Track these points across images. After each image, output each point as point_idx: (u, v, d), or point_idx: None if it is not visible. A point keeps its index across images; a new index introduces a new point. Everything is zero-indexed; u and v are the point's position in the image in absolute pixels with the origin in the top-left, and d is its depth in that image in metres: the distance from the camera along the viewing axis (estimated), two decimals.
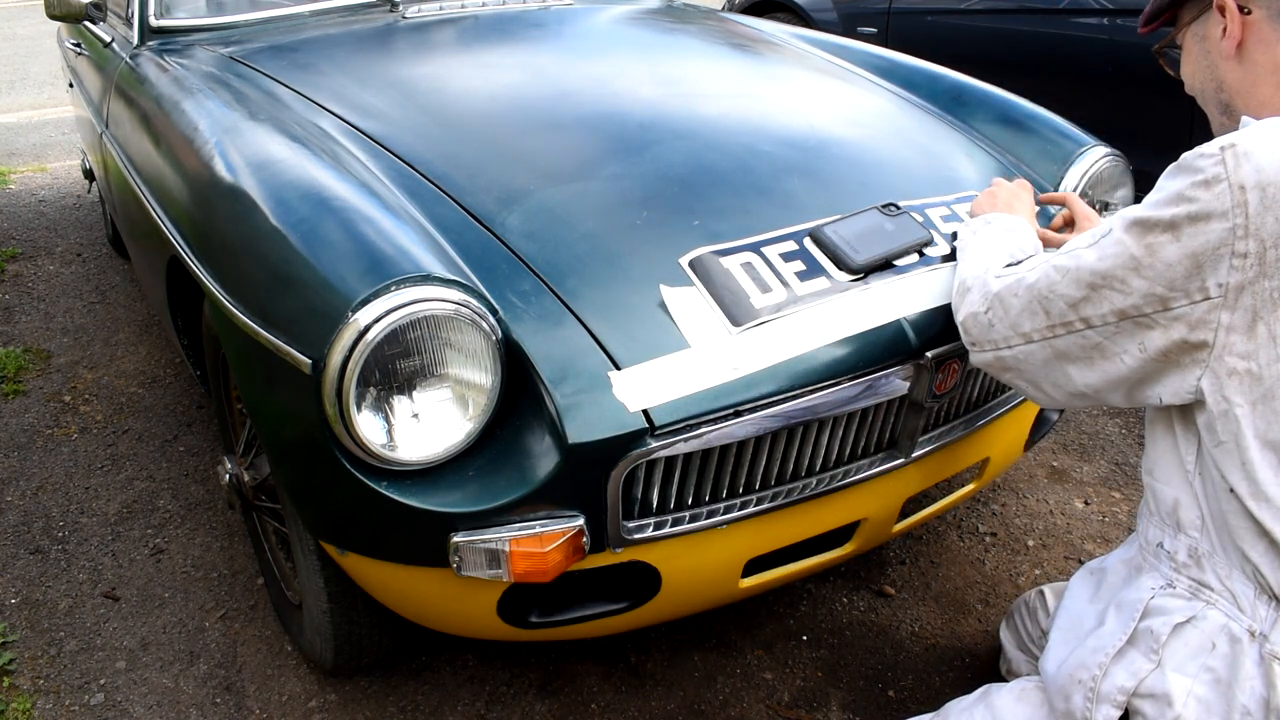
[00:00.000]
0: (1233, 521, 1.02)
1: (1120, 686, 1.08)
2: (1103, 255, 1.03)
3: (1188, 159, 0.98)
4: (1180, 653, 1.05)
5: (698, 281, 1.33)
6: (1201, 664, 1.04)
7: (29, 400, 2.70)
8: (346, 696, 1.69)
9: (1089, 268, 1.05)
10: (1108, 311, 1.04)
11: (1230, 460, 1.00)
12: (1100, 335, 1.06)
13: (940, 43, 3.67)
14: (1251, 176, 0.92)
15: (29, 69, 8.13)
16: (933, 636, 1.80)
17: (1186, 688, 1.03)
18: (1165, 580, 1.11)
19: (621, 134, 1.66)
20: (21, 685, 1.73)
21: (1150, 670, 1.06)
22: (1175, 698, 1.03)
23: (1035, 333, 1.13)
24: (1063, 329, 1.10)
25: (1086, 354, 1.09)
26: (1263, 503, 0.99)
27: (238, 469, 1.72)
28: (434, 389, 1.23)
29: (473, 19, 2.31)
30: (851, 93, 2.00)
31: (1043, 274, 1.11)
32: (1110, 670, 1.10)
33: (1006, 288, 1.17)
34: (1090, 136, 1.87)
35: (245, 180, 1.48)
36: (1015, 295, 1.15)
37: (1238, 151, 0.93)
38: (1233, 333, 0.96)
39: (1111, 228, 1.04)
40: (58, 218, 4.27)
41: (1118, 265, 1.02)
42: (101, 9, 2.67)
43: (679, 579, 1.36)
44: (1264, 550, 1.01)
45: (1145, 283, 1.00)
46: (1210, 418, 1.00)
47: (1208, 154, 0.96)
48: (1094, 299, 1.05)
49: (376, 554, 1.30)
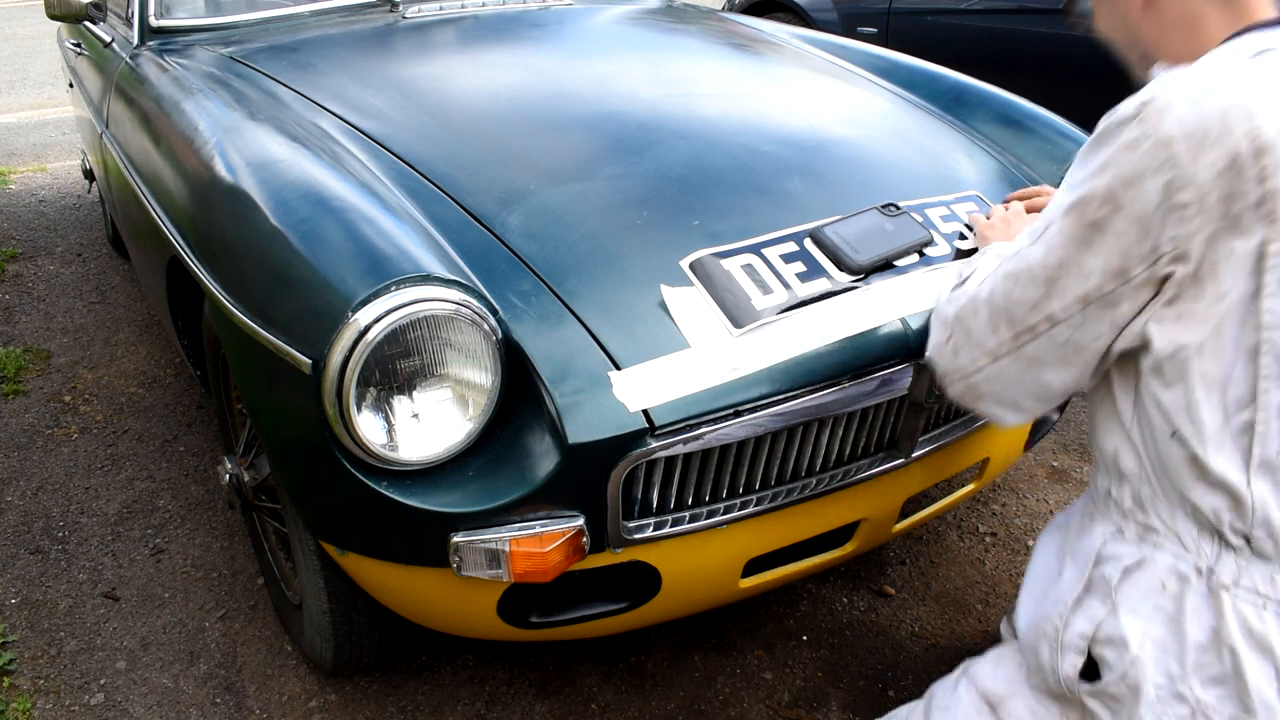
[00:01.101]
0: (1173, 465, 1.03)
1: (1080, 633, 1.09)
2: (1050, 247, 1.02)
3: (1107, 126, 0.98)
4: (1132, 596, 1.07)
5: (698, 282, 1.33)
6: (1153, 605, 1.05)
7: (29, 400, 2.70)
8: (346, 696, 1.69)
9: (1040, 264, 1.03)
10: (1071, 301, 1.02)
11: (1176, 402, 1.01)
12: (1069, 329, 1.04)
13: (940, 43, 3.68)
14: (1176, 128, 0.92)
15: (29, 69, 8.13)
16: (933, 636, 1.80)
17: (1141, 629, 1.05)
18: (1115, 527, 1.12)
19: (621, 134, 1.66)
20: (21, 685, 1.73)
21: (1106, 614, 1.08)
22: (1131, 640, 1.05)
23: (1002, 346, 1.10)
24: (1029, 334, 1.07)
25: (1060, 353, 1.07)
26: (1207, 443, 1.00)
27: (238, 469, 1.72)
28: (434, 389, 1.23)
29: (473, 19, 2.32)
30: (851, 93, 2.00)
31: (995, 285, 1.09)
32: (1070, 619, 1.11)
33: (961, 309, 1.14)
34: (1090, 136, 1.86)
35: (245, 180, 1.48)
36: (974, 315, 1.12)
37: (1158, 105, 0.93)
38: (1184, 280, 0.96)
39: (1050, 220, 1.03)
40: (58, 218, 4.28)
41: (1069, 252, 1.00)
42: (101, 9, 2.67)
43: (679, 579, 1.36)
44: (1205, 489, 1.02)
45: (1100, 260, 0.99)
46: (1157, 360, 1.01)
47: (1126, 116, 0.96)
48: (1054, 292, 1.03)
49: (377, 554, 1.30)
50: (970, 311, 1.12)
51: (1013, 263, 1.07)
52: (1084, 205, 0.98)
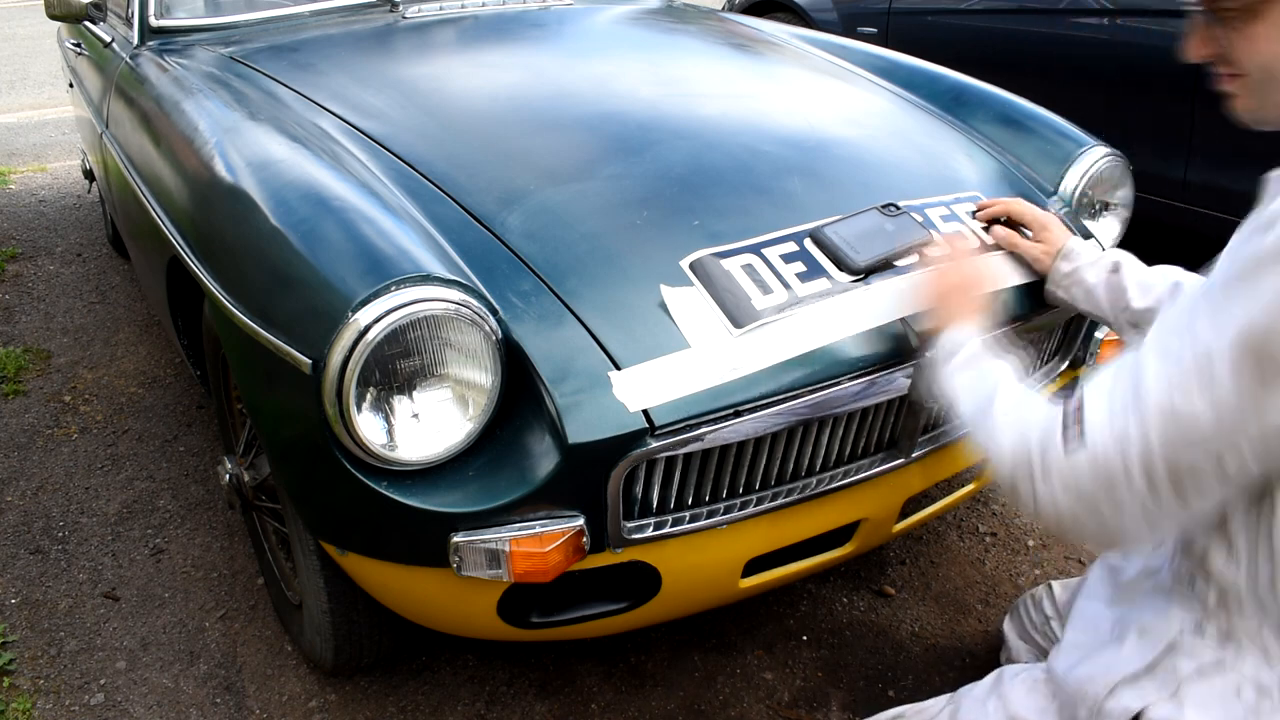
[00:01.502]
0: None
1: (1127, 708, 1.06)
2: (1223, 406, 0.85)
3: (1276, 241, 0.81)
4: (1203, 694, 1.03)
5: (698, 282, 1.33)
6: (1224, 709, 1.02)
7: (29, 400, 2.70)
8: (346, 696, 1.69)
9: (1212, 424, 0.85)
10: (1249, 455, 0.87)
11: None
12: (1241, 478, 0.89)
13: (940, 43, 3.67)
14: None
15: (29, 69, 8.13)
16: (933, 636, 1.80)
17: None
18: (1195, 620, 1.07)
19: (621, 134, 1.66)
20: (21, 685, 1.73)
21: (1161, 699, 1.05)
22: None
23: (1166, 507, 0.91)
24: (1196, 496, 0.90)
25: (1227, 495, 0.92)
26: None
27: (238, 469, 1.72)
28: (434, 389, 1.23)
29: (473, 19, 2.31)
30: (851, 93, 2.00)
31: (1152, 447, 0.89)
32: (1119, 691, 1.08)
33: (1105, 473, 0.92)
34: (1090, 136, 1.87)
35: (245, 180, 1.48)
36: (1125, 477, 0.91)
37: None
38: None
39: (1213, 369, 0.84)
40: (58, 218, 4.27)
41: (1246, 409, 0.84)
42: (101, 9, 2.67)
43: (679, 579, 1.36)
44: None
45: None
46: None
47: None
48: (1230, 450, 0.86)
49: (377, 554, 1.30)
50: (1117, 475, 0.91)
51: (1170, 423, 0.87)
52: (1264, 351, 0.82)
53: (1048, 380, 1.65)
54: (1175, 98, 2.85)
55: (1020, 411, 1.05)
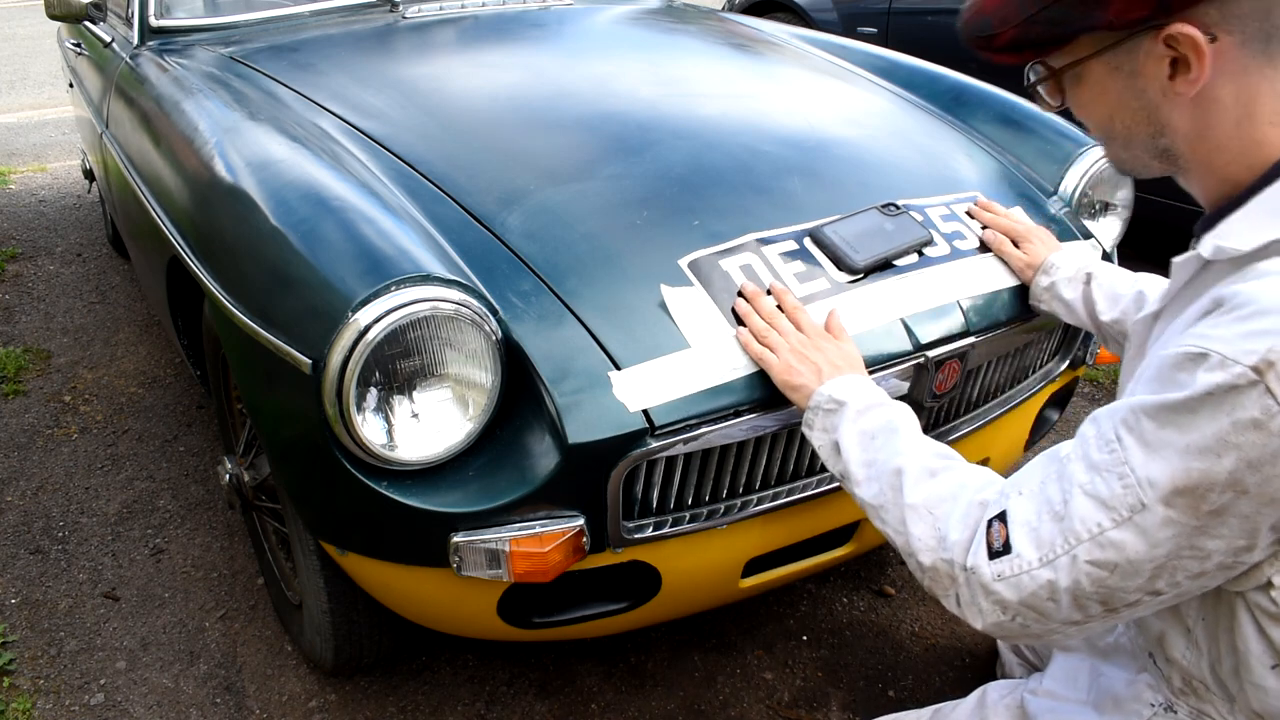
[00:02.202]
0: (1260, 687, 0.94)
1: None
2: (1154, 541, 0.83)
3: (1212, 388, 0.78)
4: None
5: (697, 282, 1.33)
6: None
7: (29, 400, 2.70)
8: (346, 696, 1.69)
9: (1144, 558, 0.84)
10: (1183, 579, 0.85)
11: None
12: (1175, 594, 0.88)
13: (940, 43, 3.68)
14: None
15: (29, 69, 8.13)
16: (933, 636, 1.80)
17: None
18: (1165, 701, 1.07)
19: (621, 134, 1.66)
20: (21, 685, 1.73)
21: None
22: None
23: (1091, 620, 0.91)
24: (1128, 610, 0.89)
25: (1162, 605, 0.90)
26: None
27: (238, 469, 1.72)
28: (434, 389, 1.23)
29: (473, 19, 2.31)
30: (851, 93, 2.00)
31: (1077, 576, 0.87)
32: None
33: (1030, 595, 0.90)
34: (1090, 136, 1.87)
35: (245, 180, 1.48)
36: (1050, 600, 0.90)
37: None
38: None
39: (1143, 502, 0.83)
40: (58, 218, 4.28)
41: (1180, 543, 0.83)
42: (101, 9, 2.67)
43: (679, 579, 1.36)
44: None
45: (1222, 543, 0.82)
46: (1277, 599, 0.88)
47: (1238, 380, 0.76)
48: (1163, 576, 0.85)
49: (377, 554, 1.30)
50: (1043, 597, 0.90)
51: (1098, 550, 0.86)
52: (1198, 494, 0.80)
53: (1047, 381, 1.65)
54: None
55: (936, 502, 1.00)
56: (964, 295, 1.43)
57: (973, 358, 1.44)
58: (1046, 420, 1.81)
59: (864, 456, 1.10)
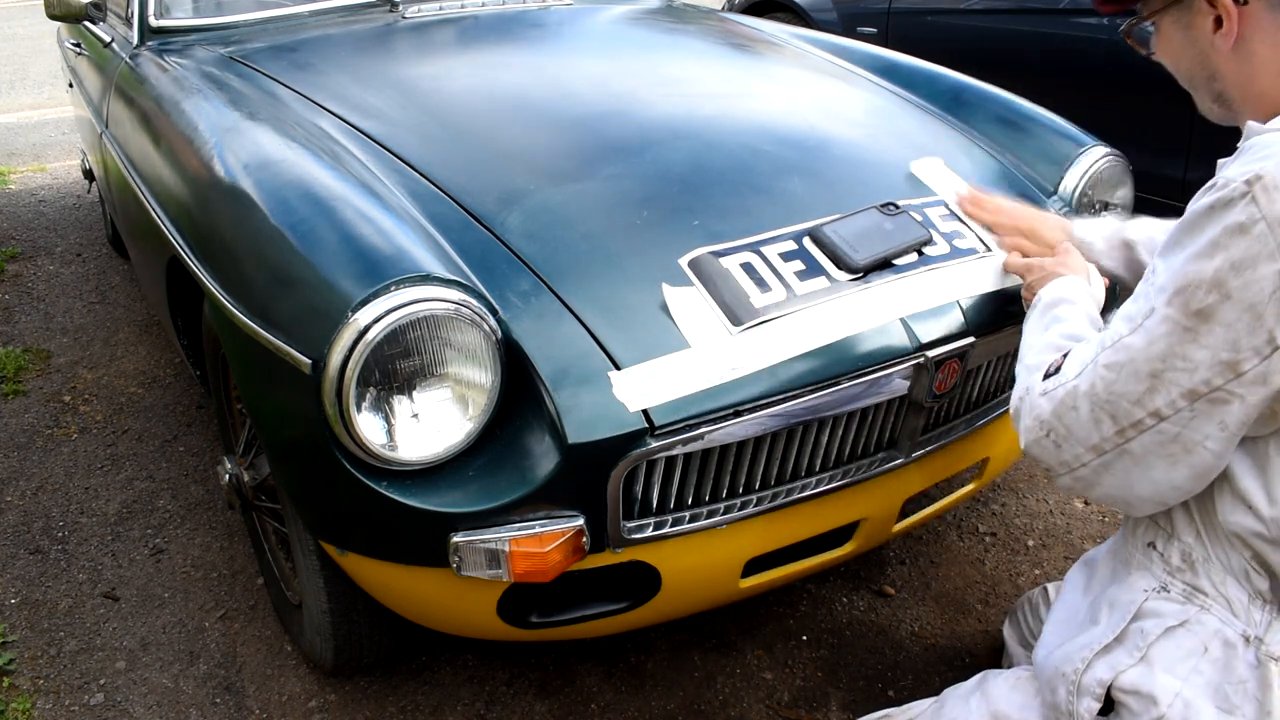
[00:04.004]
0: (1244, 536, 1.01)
1: (1099, 679, 1.09)
2: (1152, 338, 0.95)
3: (1211, 202, 0.91)
4: (1171, 654, 1.05)
5: (697, 281, 1.33)
6: (1192, 666, 1.04)
7: (29, 400, 2.70)
8: (346, 696, 1.69)
9: (1142, 355, 0.96)
10: (1177, 396, 0.95)
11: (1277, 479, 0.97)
12: (1177, 425, 0.96)
13: (940, 43, 3.67)
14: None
15: (29, 69, 8.13)
16: (933, 636, 1.80)
17: (1175, 689, 1.04)
18: (1159, 583, 1.10)
19: (621, 134, 1.66)
20: (21, 685, 1.73)
21: (1131, 665, 1.07)
22: (1161, 698, 1.04)
23: (1106, 442, 1.01)
24: (1134, 430, 0.99)
25: (1167, 450, 0.99)
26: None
27: (238, 469, 1.71)
28: (434, 389, 1.23)
29: (472, 19, 2.31)
30: (851, 93, 2.00)
31: (1095, 377, 1.00)
32: (1092, 663, 1.10)
33: (1059, 403, 1.04)
34: (1090, 136, 1.87)
35: (245, 180, 1.48)
36: (1073, 409, 1.03)
37: (1266, 185, 0.86)
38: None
39: (1153, 306, 0.95)
40: (58, 218, 4.28)
41: (1172, 342, 0.93)
42: (101, 9, 2.67)
43: (679, 579, 1.36)
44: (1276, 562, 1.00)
45: (1208, 352, 0.91)
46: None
47: (1232, 194, 0.88)
48: (1159, 386, 0.95)
49: (376, 554, 1.30)
50: (1068, 405, 1.03)
51: (1112, 353, 0.99)
52: (1188, 291, 0.91)
53: None
54: (1174, 98, 2.84)
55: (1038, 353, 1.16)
56: (964, 295, 1.43)
57: (973, 357, 1.44)
58: None
59: None
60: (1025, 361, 1.17)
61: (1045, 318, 1.23)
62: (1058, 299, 1.25)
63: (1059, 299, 1.25)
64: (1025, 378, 1.13)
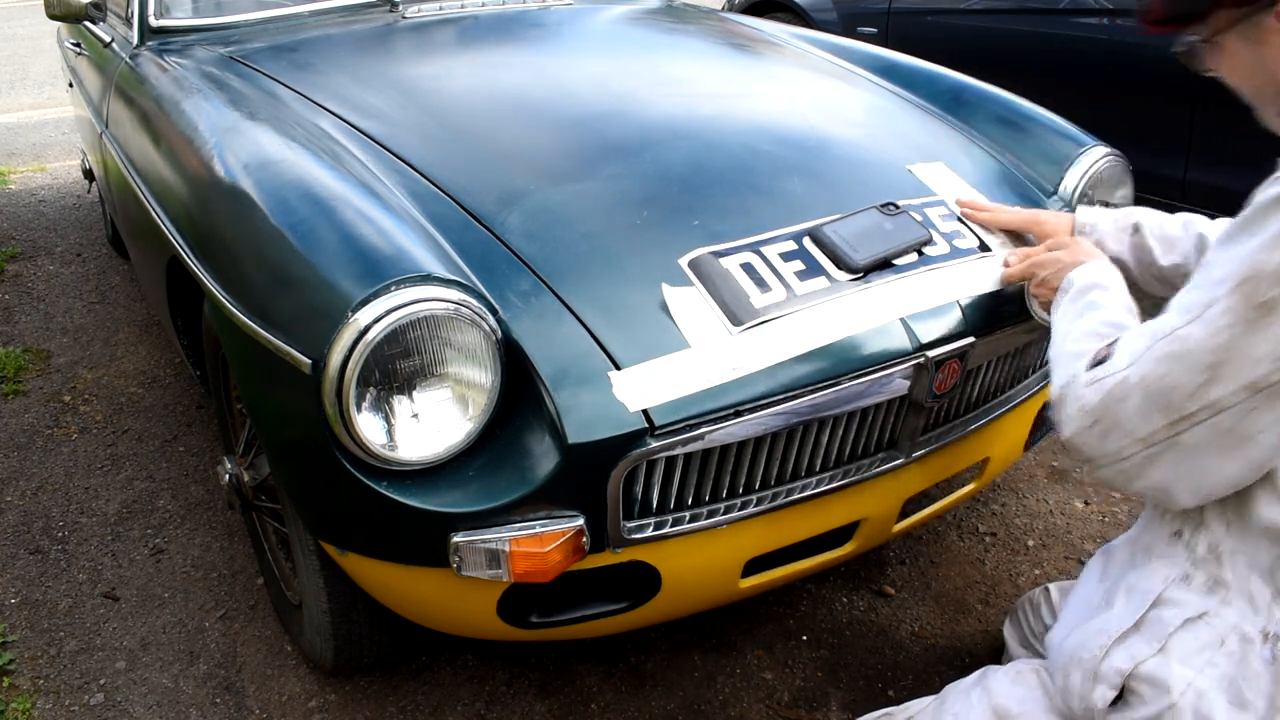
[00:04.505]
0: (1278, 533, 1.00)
1: (1118, 668, 1.08)
2: (1214, 329, 0.93)
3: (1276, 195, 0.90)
4: (1188, 645, 1.05)
5: (697, 281, 1.33)
6: (1208, 659, 1.04)
7: (29, 400, 2.70)
8: (346, 696, 1.69)
9: (1201, 347, 0.93)
10: (1237, 388, 0.93)
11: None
12: (1233, 418, 0.94)
13: (940, 43, 3.67)
14: None
15: (29, 69, 8.13)
16: (933, 636, 1.80)
17: (1188, 679, 1.03)
18: (1181, 572, 1.09)
19: (621, 134, 1.66)
20: (21, 685, 1.73)
21: (1149, 655, 1.06)
22: (1174, 687, 1.03)
23: (1156, 435, 0.99)
24: (1186, 423, 0.97)
25: (1221, 443, 0.97)
26: None
27: (238, 469, 1.72)
28: (434, 389, 1.23)
29: (472, 19, 2.31)
30: (851, 93, 2.00)
31: (1148, 368, 0.98)
32: (1111, 651, 1.09)
33: (1108, 394, 1.02)
34: (1090, 136, 1.87)
35: (245, 180, 1.48)
36: (1122, 400, 1.00)
37: None
38: None
39: (1214, 296, 0.93)
40: (58, 218, 4.28)
41: (1235, 335, 0.91)
42: (101, 9, 2.67)
43: (679, 579, 1.36)
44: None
45: (1271, 345, 0.90)
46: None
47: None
48: (1218, 378, 0.93)
49: (376, 554, 1.30)
50: (1118, 396, 1.01)
51: (1167, 343, 0.97)
52: (1253, 283, 0.90)
53: (1047, 381, 1.65)
54: (1174, 98, 2.85)
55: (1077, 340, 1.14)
56: (964, 295, 1.43)
57: (973, 357, 1.44)
58: (1047, 420, 1.81)
59: None
60: (1065, 348, 1.14)
61: (1079, 303, 1.21)
62: (1091, 284, 1.23)
63: (1092, 284, 1.23)
64: (1068, 366, 1.10)
